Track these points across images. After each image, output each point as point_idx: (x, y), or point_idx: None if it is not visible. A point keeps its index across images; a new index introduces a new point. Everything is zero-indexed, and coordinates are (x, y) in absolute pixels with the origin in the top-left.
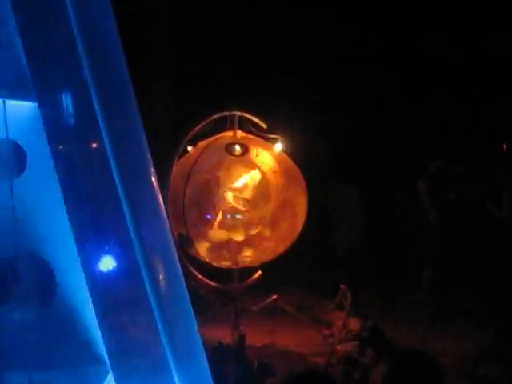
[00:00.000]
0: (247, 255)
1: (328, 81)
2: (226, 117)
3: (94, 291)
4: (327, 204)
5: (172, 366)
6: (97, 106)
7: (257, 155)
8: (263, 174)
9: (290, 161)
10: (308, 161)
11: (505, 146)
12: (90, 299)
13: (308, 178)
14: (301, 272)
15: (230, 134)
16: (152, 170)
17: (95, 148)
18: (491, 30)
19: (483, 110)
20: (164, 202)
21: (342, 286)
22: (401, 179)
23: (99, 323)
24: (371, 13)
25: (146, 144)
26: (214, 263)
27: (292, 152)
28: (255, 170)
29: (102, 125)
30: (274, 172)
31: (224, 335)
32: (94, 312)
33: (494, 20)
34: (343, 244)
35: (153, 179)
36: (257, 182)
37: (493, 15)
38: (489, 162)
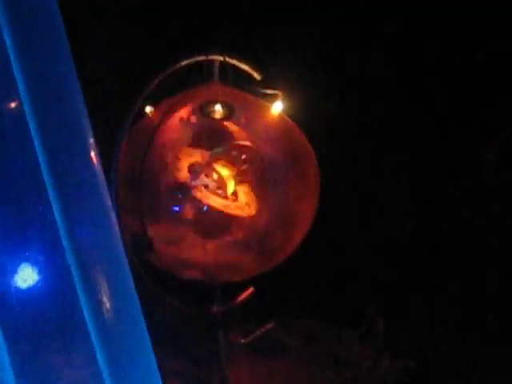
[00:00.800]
0: (233, 264)
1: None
2: (200, 63)
3: (4, 316)
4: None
5: None
6: (9, 44)
7: (247, 118)
8: (253, 148)
9: (295, 128)
10: (322, 130)
11: None
12: None
13: (322, 154)
14: (310, 288)
15: (206, 88)
16: (91, 141)
17: (7, 111)
18: None
19: None
20: (110, 189)
21: (369, 309)
22: (464, 158)
23: (10, 359)
24: None
25: (82, 104)
26: (185, 275)
27: (298, 116)
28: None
29: (16, 74)
30: (270, 145)
31: (200, 378)
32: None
33: None
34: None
35: (92, 155)
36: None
37: None
38: None
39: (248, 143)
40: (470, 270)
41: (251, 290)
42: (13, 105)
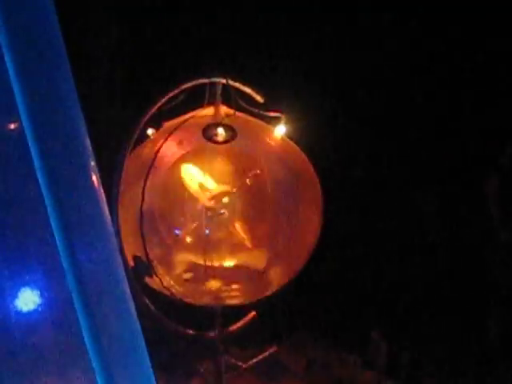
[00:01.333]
0: (234, 288)
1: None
2: (203, 86)
3: (4, 339)
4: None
5: None
6: (10, 69)
7: (250, 141)
8: (257, 173)
9: (297, 151)
10: (324, 151)
11: None
12: None
13: (324, 176)
14: (312, 312)
15: (209, 111)
16: (93, 164)
17: (9, 133)
18: None
19: None
20: (111, 211)
21: (373, 333)
22: (462, 178)
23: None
24: None
25: (83, 126)
26: (186, 299)
27: (301, 138)
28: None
29: (17, 98)
30: (272, 168)
31: None
32: None
33: None
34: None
35: (93, 177)
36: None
37: None
38: None
39: (257, 171)
40: (474, 294)
41: (253, 314)
42: (13, 127)
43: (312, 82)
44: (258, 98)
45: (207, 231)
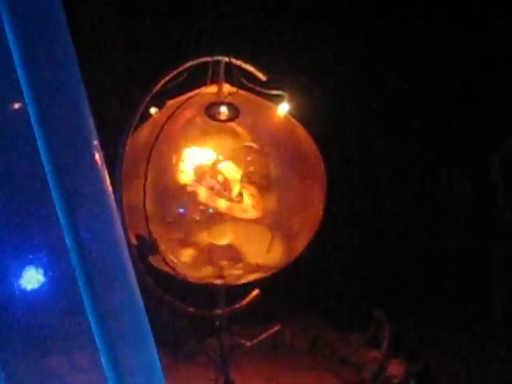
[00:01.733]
0: (237, 267)
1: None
2: (206, 64)
3: (9, 317)
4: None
5: None
6: (13, 47)
7: (253, 120)
8: (259, 150)
9: (301, 130)
10: (329, 131)
11: None
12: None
13: (328, 155)
14: (316, 291)
15: (212, 89)
16: (96, 142)
17: (13, 114)
18: None
19: None
20: (114, 190)
21: (377, 311)
22: (460, 157)
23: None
24: None
25: (87, 105)
26: (190, 278)
27: (304, 116)
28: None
29: (21, 78)
30: (279, 144)
31: (205, 382)
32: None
33: None
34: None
35: (97, 156)
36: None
37: None
38: None
39: (254, 145)
40: (476, 273)
41: (256, 292)
42: (17, 109)
43: (314, 59)
44: (261, 76)
45: (211, 210)
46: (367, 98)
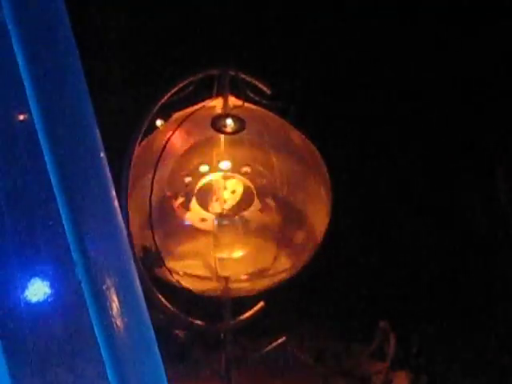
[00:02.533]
0: (243, 279)
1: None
2: (212, 77)
3: (14, 329)
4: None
5: None
6: (20, 61)
7: (259, 132)
8: (269, 160)
9: (306, 141)
10: (334, 143)
11: None
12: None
13: (332, 167)
14: (321, 303)
15: (218, 102)
16: (102, 154)
17: (18, 124)
18: None
19: None
20: (120, 202)
21: (381, 323)
22: (468, 167)
23: (21, 377)
24: None
25: (93, 117)
26: (195, 290)
27: (309, 128)
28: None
29: (27, 88)
30: (285, 157)
31: None
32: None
33: None
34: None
35: (103, 169)
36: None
37: None
38: None
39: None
40: (482, 285)
41: (261, 304)
42: (23, 119)
43: (320, 72)
44: (266, 90)
45: (216, 222)
46: (374, 108)
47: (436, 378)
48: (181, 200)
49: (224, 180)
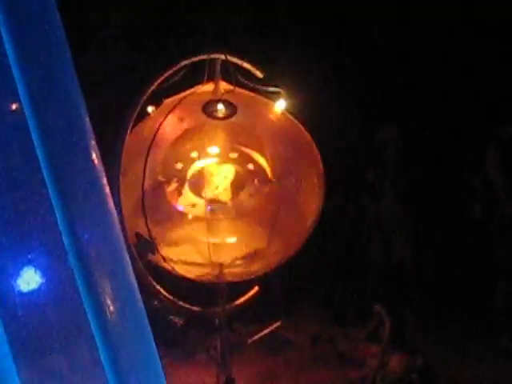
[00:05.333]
0: (237, 264)
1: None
2: (202, 62)
3: (8, 319)
4: (353, 191)
5: None
6: (8, 49)
7: (250, 117)
8: (260, 145)
9: (298, 126)
10: (325, 128)
11: None
12: (2, 330)
13: (325, 152)
14: (316, 287)
15: (209, 87)
16: (93, 142)
17: (9, 116)
18: None
19: None
20: (112, 189)
21: (376, 307)
22: (458, 154)
23: (16, 365)
24: None
25: (83, 104)
26: (189, 275)
27: (301, 113)
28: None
29: (16, 77)
30: (277, 141)
31: (205, 380)
32: (5, 349)
33: None
34: (379, 247)
35: (94, 156)
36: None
37: None
38: None
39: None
40: (476, 270)
41: (256, 289)
42: (13, 108)
43: (311, 56)
44: (258, 74)
45: (209, 207)
46: (365, 93)
47: (431, 360)
48: (173, 186)
49: (216, 166)
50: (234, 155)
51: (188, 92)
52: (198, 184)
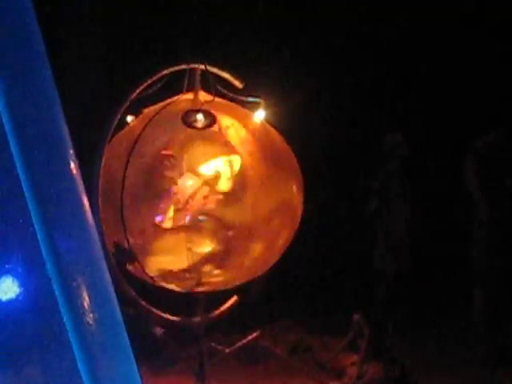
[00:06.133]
0: (216, 273)
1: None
2: (182, 72)
3: None
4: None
5: None
6: None
7: (228, 127)
8: (239, 155)
9: (277, 136)
10: (304, 137)
11: None
12: None
13: (304, 161)
14: (296, 297)
15: (188, 96)
16: (71, 152)
17: None
18: None
19: None
20: (91, 199)
21: (355, 316)
22: (437, 157)
23: None
24: None
25: (61, 114)
26: (168, 285)
27: (280, 124)
28: (235, 156)
29: None
30: (253, 153)
31: None
32: None
33: None
34: (356, 255)
35: (72, 166)
36: (235, 172)
37: None
38: None
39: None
40: (455, 278)
41: (235, 299)
42: None
43: (290, 66)
44: (237, 84)
45: (188, 217)
46: (345, 101)
47: (409, 369)
48: (154, 196)
49: (196, 177)
50: (213, 167)
51: (168, 101)
52: (179, 196)
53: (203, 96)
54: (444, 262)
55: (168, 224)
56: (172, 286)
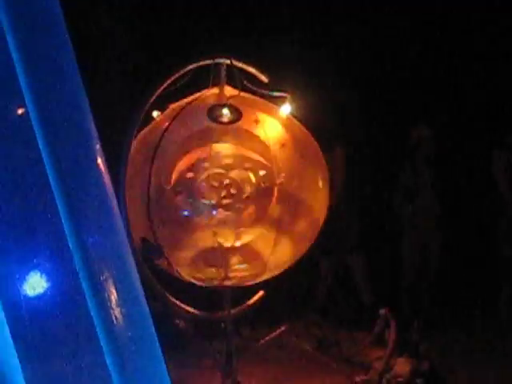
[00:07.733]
0: (243, 268)
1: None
2: (207, 67)
3: (14, 324)
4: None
5: None
6: (13, 51)
7: (256, 122)
8: (266, 150)
9: (303, 130)
10: (328, 130)
11: None
12: (9, 337)
13: (330, 155)
14: (322, 291)
15: (214, 91)
16: (98, 147)
17: (15, 118)
18: None
19: None
20: (118, 194)
21: (382, 311)
22: (467, 154)
23: (22, 369)
24: None
25: (89, 110)
26: (195, 280)
27: (306, 117)
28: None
29: (22, 83)
30: (283, 146)
31: None
32: (13, 357)
33: None
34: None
35: (99, 161)
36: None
37: None
38: None
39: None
40: (483, 274)
41: (262, 293)
42: (20, 114)
43: (316, 61)
44: (263, 78)
45: (215, 212)
46: (370, 96)
47: (437, 364)
48: (180, 191)
49: (223, 171)
50: (241, 162)
51: (193, 97)
52: (206, 190)
53: (229, 91)
54: (472, 258)
55: (195, 219)
56: (199, 281)
